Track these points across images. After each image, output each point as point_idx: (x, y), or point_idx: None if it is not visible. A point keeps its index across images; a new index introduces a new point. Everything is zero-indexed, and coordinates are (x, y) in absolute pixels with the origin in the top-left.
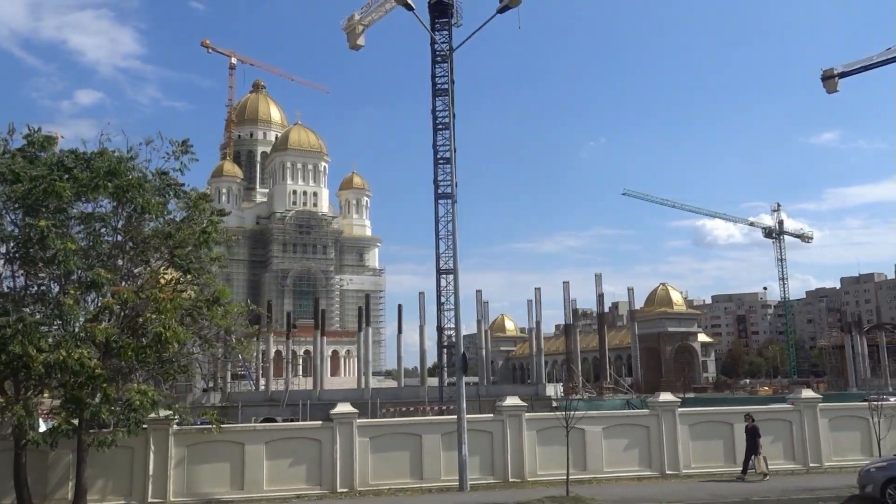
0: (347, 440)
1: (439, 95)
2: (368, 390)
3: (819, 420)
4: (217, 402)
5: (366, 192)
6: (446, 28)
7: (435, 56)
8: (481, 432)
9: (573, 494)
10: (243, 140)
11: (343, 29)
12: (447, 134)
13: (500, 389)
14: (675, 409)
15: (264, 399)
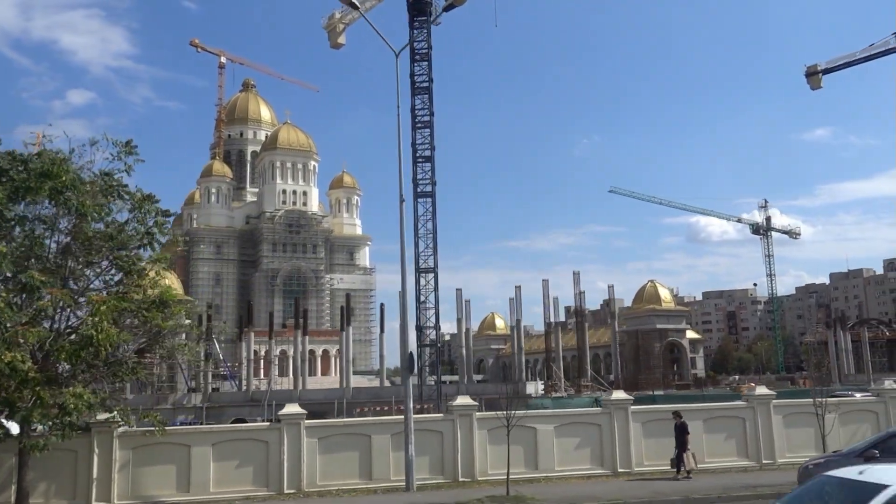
0: (295, 441)
1: (418, 94)
2: (349, 390)
3: (773, 417)
4: (198, 403)
5: (356, 190)
6: (425, 27)
7: (413, 54)
8: (431, 432)
9: (514, 494)
10: (233, 140)
11: (324, 28)
12: (426, 132)
13: (480, 388)
14: (627, 407)
15: (245, 399)
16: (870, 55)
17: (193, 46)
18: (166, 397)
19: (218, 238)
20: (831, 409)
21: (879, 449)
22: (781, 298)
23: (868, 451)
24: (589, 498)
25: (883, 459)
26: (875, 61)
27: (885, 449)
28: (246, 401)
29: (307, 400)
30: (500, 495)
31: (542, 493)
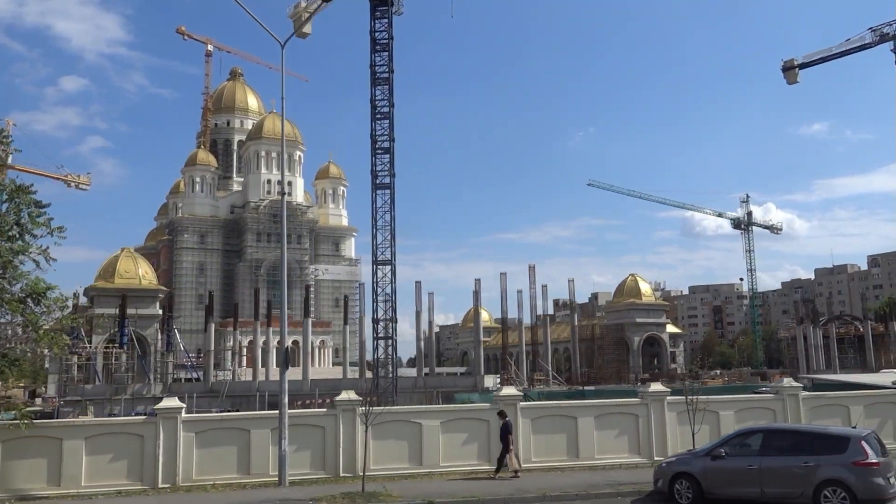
0: (171, 435)
1: (378, 85)
2: (307, 382)
3: (666, 413)
4: (158, 394)
5: (342, 181)
6: (386, 17)
7: (374, 45)
8: (314, 427)
9: (370, 490)
10: (220, 128)
11: (289, 17)
12: (385, 124)
13: (437, 381)
14: (517, 403)
15: (205, 390)
16: (846, 50)
17: (180, 34)
18: (125, 388)
19: (202, 227)
20: (701, 407)
21: (726, 448)
22: (768, 293)
23: (715, 451)
24: (448, 494)
25: (729, 458)
26: (848, 57)
27: (731, 448)
28: (206, 391)
29: (265, 391)
30: (355, 492)
31: (405, 489)
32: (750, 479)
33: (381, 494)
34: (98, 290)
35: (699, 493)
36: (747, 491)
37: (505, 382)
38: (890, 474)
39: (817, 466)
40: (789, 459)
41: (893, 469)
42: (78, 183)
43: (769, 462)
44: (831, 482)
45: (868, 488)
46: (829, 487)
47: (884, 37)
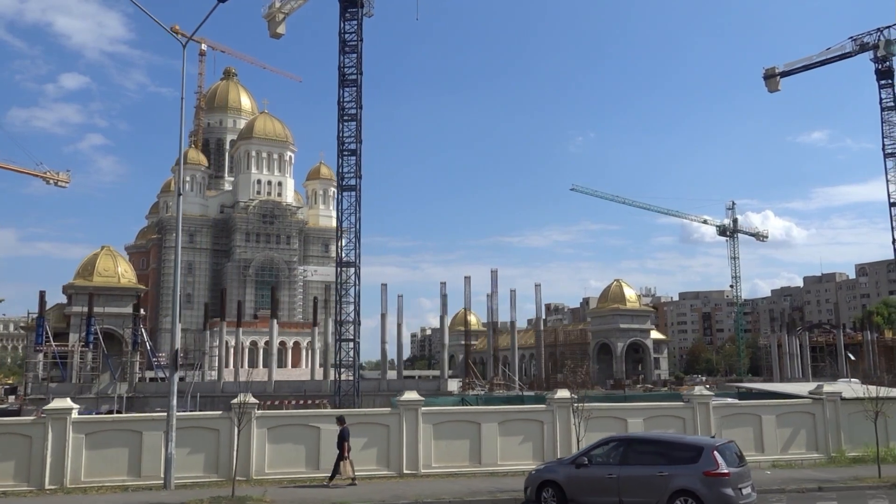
0: (60, 436)
1: (346, 86)
2: (271, 383)
3: (571, 420)
4: (123, 393)
5: (333, 182)
6: (355, 18)
7: (343, 46)
8: (208, 430)
9: (240, 496)
10: (212, 127)
11: (264, 17)
12: (353, 126)
13: (400, 383)
14: (418, 408)
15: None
16: (826, 59)
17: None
18: (90, 387)
19: (191, 227)
20: (585, 415)
21: (590, 457)
22: (757, 301)
23: (578, 459)
24: (323, 499)
25: (592, 467)
26: (828, 66)
27: (594, 457)
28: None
29: (229, 392)
30: (224, 496)
31: (285, 495)
32: (609, 487)
33: (251, 499)
34: (76, 287)
35: (563, 500)
36: (607, 499)
37: (467, 387)
38: (742, 484)
39: (671, 476)
40: (646, 469)
41: (748, 479)
42: (57, 180)
43: (628, 471)
44: (683, 492)
45: (717, 498)
46: (681, 497)
47: (863, 46)
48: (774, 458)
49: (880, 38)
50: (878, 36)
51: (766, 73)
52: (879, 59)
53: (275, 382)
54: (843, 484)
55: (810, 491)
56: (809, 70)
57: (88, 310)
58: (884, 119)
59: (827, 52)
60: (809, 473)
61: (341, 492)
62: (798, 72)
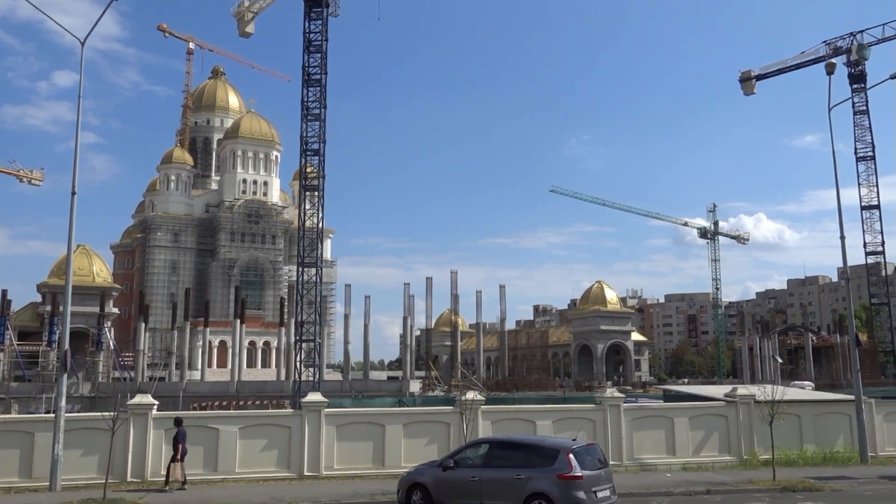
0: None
1: (311, 85)
2: (234, 383)
3: (480, 422)
4: (86, 393)
5: None
6: (320, 18)
7: (308, 45)
8: (102, 431)
9: (111, 498)
10: (200, 126)
11: (233, 15)
12: (316, 125)
13: (362, 384)
14: (321, 409)
15: (133, 390)
16: (801, 63)
17: (161, 31)
18: (51, 386)
19: (176, 226)
20: (471, 417)
21: (456, 459)
22: (742, 303)
23: (445, 462)
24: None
25: (457, 469)
26: (803, 69)
27: (460, 459)
28: (133, 391)
29: (192, 392)
30: (96, 498)
31: (174, 497)
32: (472, 490)
33: (123, 501)
34: (49, 286)
35: (430, 503)
36: (469, 502)
37: (427, 388)
38: (598, 488)
39: (528, 479)
40: (506, 471)
41: (607, 482)
42: (31, 178)
43: (489, 474)
44: (538, 495)
45: (569, 501)
46: (536, 500)
47: (837, 50)
48: (686, 460)
49: (853, 43)
50: (851, 40)
51: (742, 77)
52: (852, 64)
53: (237, 383)
54: (734, 487)
55: (698, 494)
56: (784, 73)
57: (52, 309)
58: (856, 123)
59: (802, 55)
60: (709, 476)
61: (219, 492)
62: (773, 75)
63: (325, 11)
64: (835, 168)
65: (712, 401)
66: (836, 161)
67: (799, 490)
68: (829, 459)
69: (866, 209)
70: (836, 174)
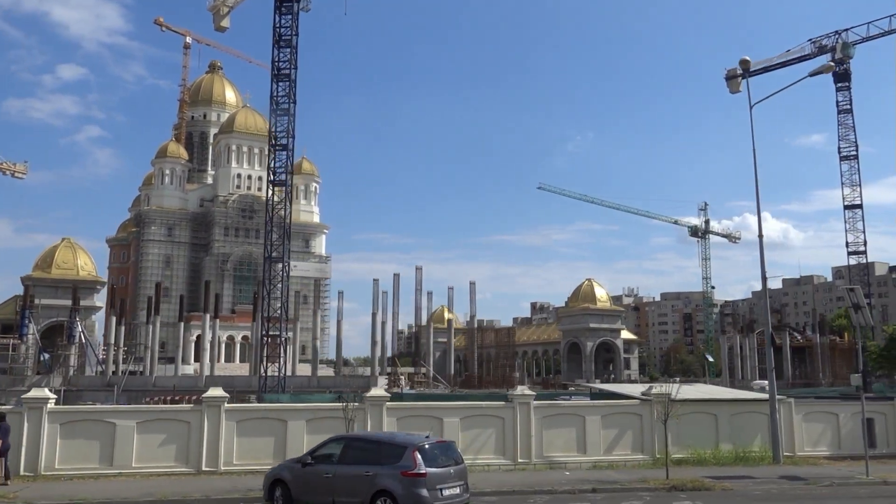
0: None
1: (280, 80)
2: (202, 378)
3: (385, 419)
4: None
5: (315, 177)
6: (289, 13)
7: (279, 39)
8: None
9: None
10: (196, 121)
11: (209, 9)
12: (285, 120)
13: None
14: (220, 404)
15: (103, 384)
16: (786, 61)
17: (158, 25)
18: (23, 379)
19: (170, 220)
20: (351, 416)
21: (315, 456)
22: (738, 302)
23: (303, 458)
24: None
25: (315, 465)
26: (789, 67)
27: (318, 455)
28: (103, 385)
29: (160, 387)
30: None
31: (60, 490)
32: (326, 486)
33: (6, 496)
34: (34, 279)
35: (289, 499)
36: (322, 499)
37: (392, 385)
38: (445, 485)
39: (375, 476)
40: (357, 468)
41: (456, 480)
42: (14, 171)
43: (342, 470)
44: (383, 492)
45: (411, 498)
46: (382, 497)
47: (822, 48)
48: (597, 459)
49: (838, 41)
50: (836, 38)
51: (728, 74)
52: (837, 62)
53: (206, 377)
54: (623, 485)
55: (583, 492)
56: (770, 72)
57: (24, 302)
58: (840, 122)
59: (787, 53)
60: (607, 475)
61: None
62: (758, 73)
63: (297, 6)
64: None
65: (627, 399)
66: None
67: (687, 489)
68: (741, 459)
69: (849, 209)
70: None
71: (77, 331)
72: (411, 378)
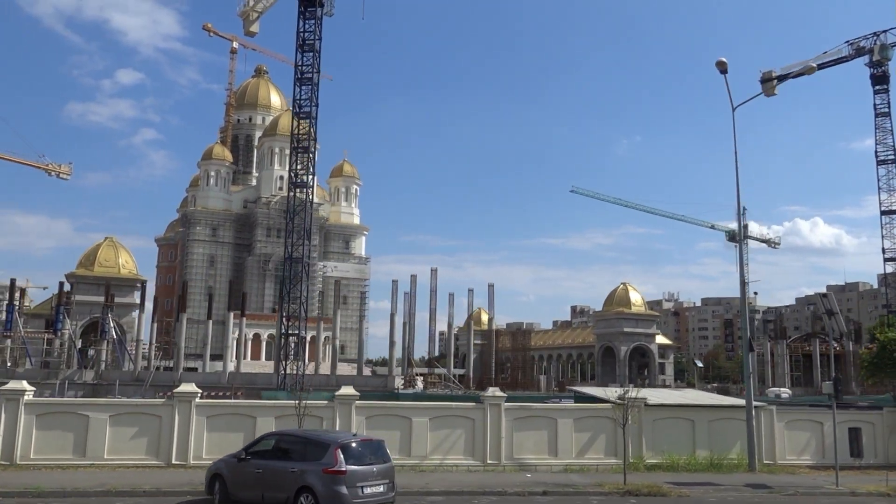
0: None
1: (303, 84)
2: (226, 374)
3: (354, 417)
4: (89, 380)
5: (356, 179)
6: (314, 18)
7: (302, 44)
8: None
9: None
10: (242, 124)
11: (239, 15)
12: (307, 123)
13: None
14: (192, 400)
15: (132, 378)
16: (823, 63)
17: (206, 31)
18: (56, 373)
19: (214, 221)
20: (305, 412)
21: (251, 451)
22: (781, 308)
23: (239, 454)
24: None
25: (249, 461)
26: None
27: (254, 451)
28: (132, 380)
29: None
30: None
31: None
32: (257, 481)
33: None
34: (77, 277)
35: (226, 494)
36: (253, 494)
37: (407, 384)
38: (366, 483)
39: (300, 472)
40: (285, 464)
41: (380, 479)
42: (59, 172)
43: (272, 466)
44: (305, 489)
45: (330, 495)
46: (305, 493)
47: (860, 50)
48: (568, 461)
49: (876, 42)
50: (874, 40)
51: (763, 77)
52: (875, 64)
53: (229, 374)
54: (577, 489)
55: (533, 495)
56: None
57: (58, 298)
58: (877, 125)
59: (824, 55)
60: (571, 478)
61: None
62: (794, 76)
63: (320, 11)
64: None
65: (601, 403)
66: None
67: (642, 495)
68: (716, 466)
69: (886, 214)
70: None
71: (109, 327)
72: (426, 378)
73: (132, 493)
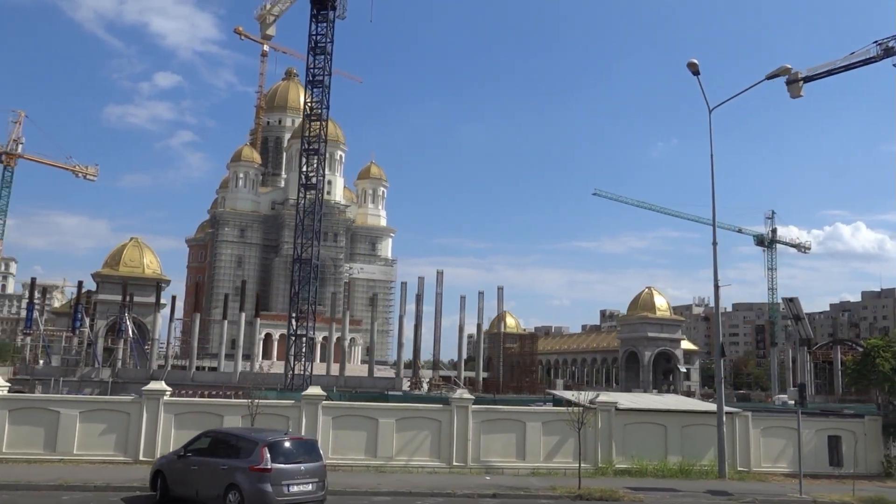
0: None
1: (314, 87)
2: (237, 374)
3: (321, 418)
4: (105, 378)
5: (383, 182)
6: (325, 21)
7: (314, 47)
8: None
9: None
10: (272, 126)
11: (256, 18)
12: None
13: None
14: (160, 398)
15: (146, 376)
16: (850, 64)
17: (237, 34)
18: (74, 370)
19: (242, 222)
20: (257, 412)
21: (190, 448)
22: (814, 315)
23: (178, 451)
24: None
25: (188, 458)
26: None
27: (192, 449)
28: (146, 378)
29: (199, 381)
30: None
31: None
32: (192, 478)
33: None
34: (102, 276)
35: (166, 490)
36: (189, 490)
37: (414, 386)
38: (292, 482)
39: (230, 470)
40: (217, 462)
41: (308, 478)
42: (86, 174)
43: (206, 463)
44: (233, 486)
45: (255, 493)
46: (233, 491)
47: (888, 51)
48: (536, 465)
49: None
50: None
51: (789, 79)
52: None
53: (241, 374)
54: (529, 493)
55: (482, 497)
56: (835, 75)
57: (77, 297)
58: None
59: (851, 56)
60: (530, 482)
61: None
62: (821, 77)
63: (332, 14)
64: (712, 168)
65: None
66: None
67: (594, 499)
68: (685, 472)
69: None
70: (713, 175)
71: (126, 326)
72: (431, 381)
73: (83, 487)
